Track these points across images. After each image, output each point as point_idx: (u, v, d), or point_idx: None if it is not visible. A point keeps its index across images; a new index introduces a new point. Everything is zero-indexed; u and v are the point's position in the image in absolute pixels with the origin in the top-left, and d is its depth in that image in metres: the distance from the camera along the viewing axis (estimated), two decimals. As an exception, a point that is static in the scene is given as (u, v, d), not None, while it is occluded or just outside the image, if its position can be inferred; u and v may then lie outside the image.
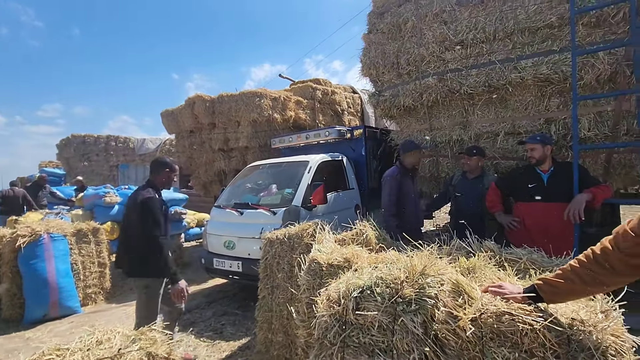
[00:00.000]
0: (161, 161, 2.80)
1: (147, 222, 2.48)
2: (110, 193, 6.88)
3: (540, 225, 2.69)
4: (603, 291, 1.10)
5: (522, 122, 3.43)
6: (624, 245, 0.98)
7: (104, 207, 6.27)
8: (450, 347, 1.18)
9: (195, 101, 6.90)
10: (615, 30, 2.94)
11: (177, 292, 2.54)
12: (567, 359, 1.02)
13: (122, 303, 4.39)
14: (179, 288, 2.54)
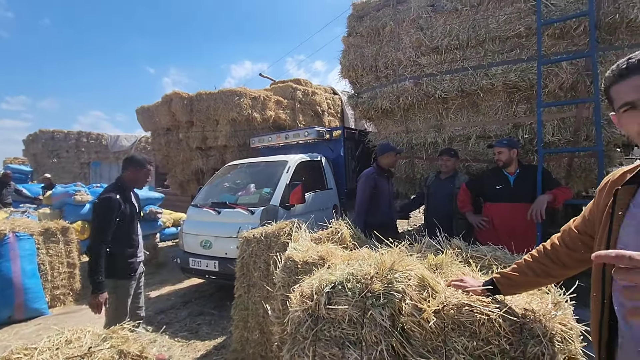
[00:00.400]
0: (129, 158, 2.71)
1: (93, 225, 2.49)
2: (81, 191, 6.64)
3: (507, 225, 2.83)
4: (552, 282, 1.19)
5: (492, 127, 3.60)
6: (570, 242, 1.08)
7: (74, 206, 6.05)
8: (415, 338, 1.24)
9: (172, 98, 6.77)
10: (577, 42, 3.14)
11: (94, 303, 2.37)
12: (519, 345, 1.10)
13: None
14: (96, 300, 2.36)
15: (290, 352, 1.47)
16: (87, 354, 1.45)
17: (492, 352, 1.12)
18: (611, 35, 3.05)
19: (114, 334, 1.59)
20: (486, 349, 1.12)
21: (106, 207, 2.44)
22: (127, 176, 2.65)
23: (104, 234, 2.42)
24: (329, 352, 1.38)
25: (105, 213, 2.44)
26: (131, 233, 2.61)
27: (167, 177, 8.42)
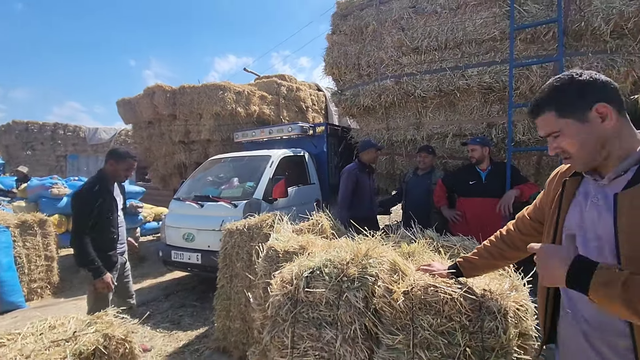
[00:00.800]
0: (111, 151, 2.74)
1: (73, 217, 2.52)
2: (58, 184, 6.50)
3: (478, 218, 2.99)
4: (507, 264, 1.32)
5: (468, 125, 3.76)
6: (523, 228, 1.21)
7: (51, 199, 5.93)
8: (386, 317, 1.35)
9: (155, 91, 6.69)
10: (546, 47, 3.33)
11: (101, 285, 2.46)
12: (477, 321, 1.22)
13: (72, 297, 4.21)
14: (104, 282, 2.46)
15: (271, 334, 1.56)
16: (72, 338, 1.49)
17: (454, 328, 1.24)
18: (577, 42, 3.25)
19: (99, 319, 1.64)
20: (448, 325, 1.24)
21: (82, 199, 2.49)
22: (108, 168, 2.66)
23: (83, 225, 2.45)
24: (306, 332, 1.48)
25: (81, 204, 2.47)
26: (109, 226, 2.60)
27: (148, 170, 8.31)
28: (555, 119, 0.91)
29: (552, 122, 0.92)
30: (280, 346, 1.53)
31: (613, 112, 0.86)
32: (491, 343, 1.20)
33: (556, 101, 0.91)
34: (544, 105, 0.93)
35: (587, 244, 0.91)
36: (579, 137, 0.89)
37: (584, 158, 0.91)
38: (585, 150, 0.89)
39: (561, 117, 0.90)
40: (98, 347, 1.47)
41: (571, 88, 0.89)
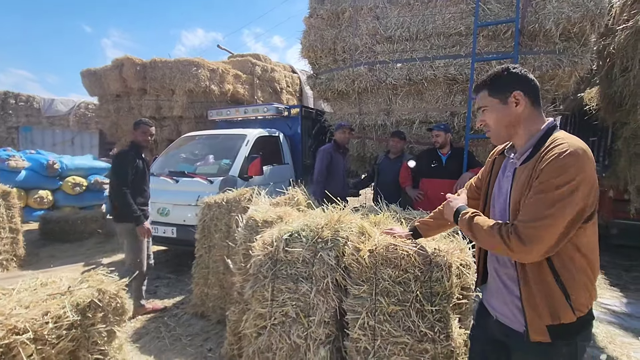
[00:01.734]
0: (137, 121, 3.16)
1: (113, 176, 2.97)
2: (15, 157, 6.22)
3: (439, 197, 3.28)
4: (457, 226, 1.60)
5: (433, 113, 4.06)
6: (469, 193, 1.48)
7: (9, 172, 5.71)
8: (354, 272, 1.59)
9: (124, 63, 6.47)
10: (505, 44, 3.65)
11: (142, 231, 2.95)
12: (427, 272, 1.49)
13: (40, 270, 4.17)
14: (143, 229, 2.95)
15: (253, 289, 1.77)
16: (68, 292, 1.61)
17: (409, 278, 1.50)
18: (532, 42, 3.59)
19: (90, 277, 1.76)
20: (404, 276, 1.51)
21: (123, 160, 2.94)
22: (136, 137, 3.10)
23: (125, 182, 2.90)
24: (285, 286, 1.70)
25: (123, 165, 2.92)
26: (143, 185, 3.10)
27: (115, 146, 8.05)
28: (487, 97, 1.18)
29: (484, 98, 1.19)
30: (261, 299, 1.74)
31: (527, 100, 1.14)
32: (437, 289, 1.48)
33: (490, 84, 1.18)
34: (483, 86, 1.20)
35: (499, 205, 1.22)
36: (497, 114, 1.16)
37: (498, 132, 1.18)
38: (499, 126, 1.17)
39: (490, 96, 1.17)
40: (93, 300, 1.61)
41: (503, 76, 1.16)
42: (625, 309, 3.33)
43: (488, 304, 1.29)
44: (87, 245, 5.36)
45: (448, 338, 1.45)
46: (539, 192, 1.00)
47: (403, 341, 1.45)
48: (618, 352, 2.57)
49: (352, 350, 1.54)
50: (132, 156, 2.98)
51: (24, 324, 1.38)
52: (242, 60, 7.84)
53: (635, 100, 3.70)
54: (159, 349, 2.52)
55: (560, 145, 1.01)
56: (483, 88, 1.20)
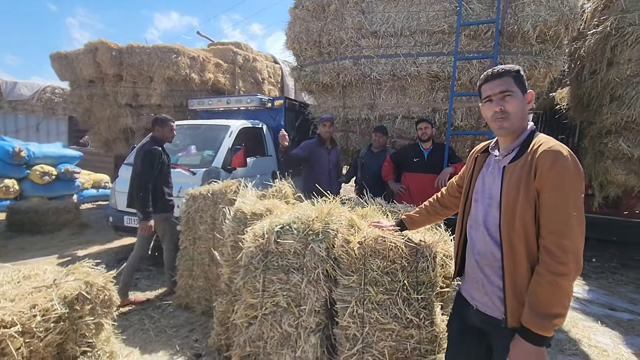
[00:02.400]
0: (156, 118, 3.30)
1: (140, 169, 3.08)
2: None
3: (420, 191, 3.43)
4: (439, 219, 1.69)
5: (416, 109, 4.16)
6: (451, 191, 1.56)
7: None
8: (344, 263, 1.65)
9: (98, 47, 6.16)
10: (486, 44, 3.78)
11: (145, 227, 3.04)
12: (413, 263, 1.57)
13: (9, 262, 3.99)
14: (147, 225, 3.04)
15: (244, 279, 1.79)
16: (54, 285, 1.58)
17: (396, 269, 1.58)
18: (510, 42, 3.73)
19: (76, 270, 1.74)
20: (392, 266, 1.58)
21: (151, 156, 3.07)
22: (157, 133, 3.25)
23: (149, 177, 3.05)
24: (276, 277, 1.74)
25: (149, 161, 3.06)
26: (168, 177, 3.31)
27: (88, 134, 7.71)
28: (512, 83, 1.20)
29: (510, 84, 1.20)
30: (252, 290, 1.77)
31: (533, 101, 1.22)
32: (423, 279, 1.56)
33: (515, 73, 1.22)
34: (508, 73, 1.22)
35: (483, 201, 1.28)
36: (519, 102, 1.21)
37: (516, 119, 1.21)
38: (518, 115, 1.21)
39: (516, 85, 1.21)
40: (81, 292, 1.59)
41: (521, 74, 1.23)
42: (587, 295, 3.59)
43: (467, 294, 1.37)
44: (59, 237, 5.17)
45: (432, 324, 1.54)
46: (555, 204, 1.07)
47: (390, 328, 1.53)
48: (580, 334, 2.80)
49: (341, 337, 1.61)
50: (159, 152, 3.15)
51: (12, 317, 1.36)
52: (223, 48, 7.65)
53: (601, 101, 3.95)
54: (144, 340, 2.51)
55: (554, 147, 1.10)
56: (508, 75, 1.21)
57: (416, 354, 1.53)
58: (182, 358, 2.33)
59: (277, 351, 1.71)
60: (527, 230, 1.11)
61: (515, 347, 1.11)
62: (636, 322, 3.03)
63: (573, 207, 1.05)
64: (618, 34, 3.62)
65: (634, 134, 3.62)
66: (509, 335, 1.17)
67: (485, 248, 1.25)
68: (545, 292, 1.05)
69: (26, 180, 6.72)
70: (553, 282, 1.04)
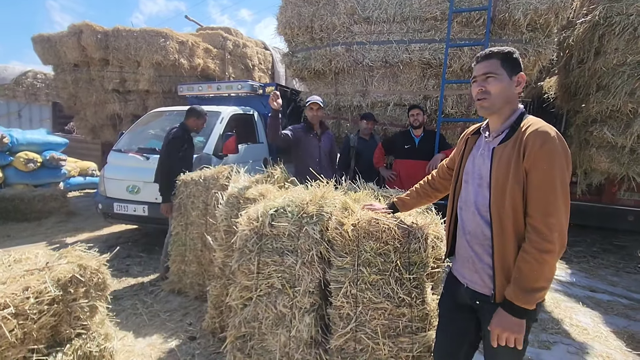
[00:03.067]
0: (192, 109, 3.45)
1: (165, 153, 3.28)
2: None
3: (411, 177, 3.47)
4: (430, 202, 1.73)
5: (407, 96, 4.18)
6: (442, 173, 1.60)
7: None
8: (337, 245, 1.68)
9: (82, 30, 5.98)
10: (477, 31, 3.79)
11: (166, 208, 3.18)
12: (406, 244, 1.60)
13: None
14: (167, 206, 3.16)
15: (238, 262, 1.81)
16: (46, 268, 1.57)
17: (389, 250, 1.61)
18: (501, 30, 3.76)
19: (68, 253, 1.73)
20: (385, 248, 1.61)
21: (176, 142, 3.26)
22: (190, 123, 3.41)
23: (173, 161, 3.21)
24: (271, 259, 1.76)
25: (174, 146, 3.25)
26: (190, 162, 3.44)
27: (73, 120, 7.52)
28: (499, 66, 1.22)
29: (495, 66, 1.22)
30: (247, 272, 1.79)
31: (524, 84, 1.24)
32: (415, 259, 1.60)
33: (504, 56, 1.23)
34: (496, 55, 1.23)
35: (474, 181, 1.32)
36: (503, 84, 1.22)
37: (494, 102, 1.23)
38: (500, 97, 1.23)
39: (502, 67, 1.22)
40: (75, 275, 1.59)
41: (513, 56, 1.24)
42: (569, 278, 3.73)
43: (458, 273, 1.42)
44: (46, 225, 5.09)
45: (423, 303, 1.58)
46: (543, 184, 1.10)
47: (383, 307, 1.57)
48: (562, 314, 2.91)
49: (335, 316, 1.64)
50: (184, 139, 3.36)
51: (4, 299, 1.35)
52: (212, 33, 7.50)
53: (588, 90, 4.02)
54: (138, 324, 2.52)
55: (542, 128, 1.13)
56: (495, 57, 1.23)
57: (407, 331, 1.58)
58: (176, 341, 2.35)
59: (272, 331, 1.74)
60: (516, 209, 1.14)
61: (496, 317, 1.17)
62: (615, 303, 3.17)
63: (560, 187, 1.09)
64: (606, 23, 3.67)
65: (619, 123, 3.71)
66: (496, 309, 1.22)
67: (475, 228, 1.29)
68: (531, 268, 1.10)
69: (10, 167, 6.54)
70: (539, 259, 1.08)
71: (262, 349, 1.80)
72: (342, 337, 1.61)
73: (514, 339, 1.14)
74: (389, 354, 1.58)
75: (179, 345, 2.30)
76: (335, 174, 3.17)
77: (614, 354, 2.39)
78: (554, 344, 2.49)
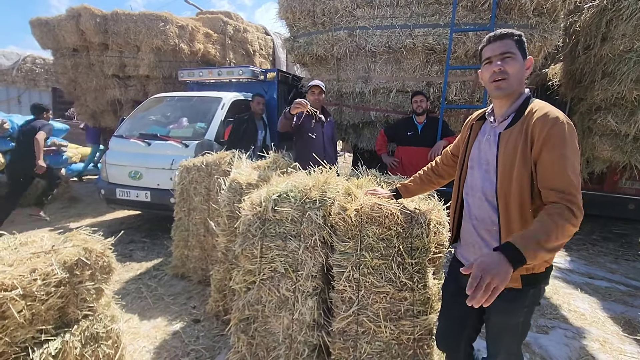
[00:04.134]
0: None
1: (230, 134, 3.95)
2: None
3: (413, 164, 3.46)
4: (433, 188, 1.73)
5: (410, 83, 4.13)
6: (445, 160, 1.59)
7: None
8: (340, 230, 1.69)
9: (81, 13, 5.89)
10: (482, 16, 3.72)
11: None
12: (408, 229, 1.62)
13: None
14: None
15: (242, 247, 1.83)
16: (52, 251, 1.59)
17: (391, 235, 1.62)
18: (507, 15, 3.68)
19: (73, 237, 1.74)
20: (387, 233, 1.62)
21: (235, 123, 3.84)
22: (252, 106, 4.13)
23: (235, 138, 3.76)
24: (274, 244, 1.78)
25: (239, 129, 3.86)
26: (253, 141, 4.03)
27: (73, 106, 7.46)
28: (513, 46, 1.20)
29: (511, 46, 1.20)
30: (251, 256, 1.81)
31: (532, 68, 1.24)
32: (417, 244, 1.61)
33: (517, 37, 1.22)
34: (510, 35, 1.22)
35: (480, 167, 1.31)
36: (519, 65, 1.21)
37: (514, 81, 1.20)
38: (517, 76, 1.21)
39: (516, 47, 1.21)
40: (81, 257, 1.61)
41: (523, 38, 1.23)
42: (568, 265, 3.77)
43: (463, 257, 1.43)
44: (49, 211, 5.12)
45: (425, 287, 1.61)
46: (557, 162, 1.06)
47: (385, 291, 1.59)
48: (561, 300, 2.95)
49: (337, 300, 1.67)
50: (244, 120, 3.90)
51: (12, 280, 1.37)
52: (212, 18, 7.38)
53: (593, 77, 3.97)
54: (142, 307, 2.56)
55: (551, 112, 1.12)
56: (510, 38, 1.21)
57: (409, 314, 1.61)
58: (180, 323, 2.39)
59: (275, 314, 1.77)
60: (522, 194, 1.14)
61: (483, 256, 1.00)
62: (613, 290, 3.21)
63: (571, 169, 1.06)
64: (614, 8, 3.60)
65: (623, 111, 3.67)
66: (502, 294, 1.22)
67: (482, 213, 1.29)
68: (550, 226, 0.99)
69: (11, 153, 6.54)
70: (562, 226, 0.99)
71: (265, 331, 1.83)
72: (344, 320, 1.64)
73: (491, 289, 0.94)
74: (390, 336, 1.61)
75: (184, 328, 2.35)
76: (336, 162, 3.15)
77: (611, 339, 2.43)
78: (552, 328, 2.53)
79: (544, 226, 0.99)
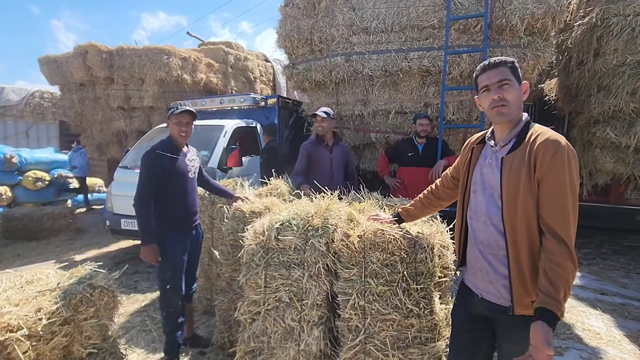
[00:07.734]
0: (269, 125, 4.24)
1: None
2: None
3: (415, 185, 3.47)
4: (434, 211, 1.73)
5: (408, 104, 4.20)
6: (446, 183, 1.60)
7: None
8: (344, 256, 1.69)
9: (88, 50, 6.12)
10: (475, 38, 3.82)
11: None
12: (412, 254, 1.61)
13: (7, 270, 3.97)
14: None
15: (246, 277, 1.82)
16: (57, 289, 1.60)
17: (395, 261, 1.61)
18: (499, 35, 3.78)
19: (78, 272, 1.75)
20: (391, 258, 1.61)
21: None
22: None
23: None
24: (278, 272, 1.77)
25: None
26: None
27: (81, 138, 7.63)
28: (510, 74, 1.23)
29: (507, 73, 1.23)
30: (255, 286, 1.80)
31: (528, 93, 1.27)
32: (422, 269, 1.60)
33: (511, 64, 1.25)
34: (504, 63, 1.24)
35: (485, 191, 1.31)
36: (517, 92, 1.24)
37: (514, 107, 1.23)
38: (516, 103, 1.24)
39: (512, 74, 1.23)
40: (85, 295, 1.61)
41: (516, 64, 1.26)
42: (579, 281, 3.68)
43: (471, 283, 1.40)
44: (55, 243, 5.15)
45: (432, 313, 1.58)
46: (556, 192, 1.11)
47: (391, 318, 1.57)
48: (574, 319, 2.88)
49: (344, 329, 1.65)
50: None
51: (17, 321, 1.37)
52: (214, 48, 7.63)
53: (589, 91, 4.03)
54: (148, 341, 2.53)
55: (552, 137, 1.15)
56: (505, 65, 1.24)
57: (417, 342, 1.57)
58: (187, 357, 2.35)
59: (281, 345, 1.74)
60: (529, 219, 1.15)
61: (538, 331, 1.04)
62: (627, 306, 3.12)
63: (571, 195, 1.11)
64: (603, 25, 3.69)
65: (621, 123, 3.70)
66: (515, 322, 1.20)
67: (488, 237, 1.28)
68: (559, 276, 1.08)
69: (19, 186, 6.66)
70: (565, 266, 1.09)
71: (271, 364, 1.80)
72: (351, 350, 1.61)
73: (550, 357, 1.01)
74: (399, 365, 1.57)
75: (189, 361, 2.30)
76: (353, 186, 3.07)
77: (629, 359, 2.35)
78: (567, 349, 2.45)
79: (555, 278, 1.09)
